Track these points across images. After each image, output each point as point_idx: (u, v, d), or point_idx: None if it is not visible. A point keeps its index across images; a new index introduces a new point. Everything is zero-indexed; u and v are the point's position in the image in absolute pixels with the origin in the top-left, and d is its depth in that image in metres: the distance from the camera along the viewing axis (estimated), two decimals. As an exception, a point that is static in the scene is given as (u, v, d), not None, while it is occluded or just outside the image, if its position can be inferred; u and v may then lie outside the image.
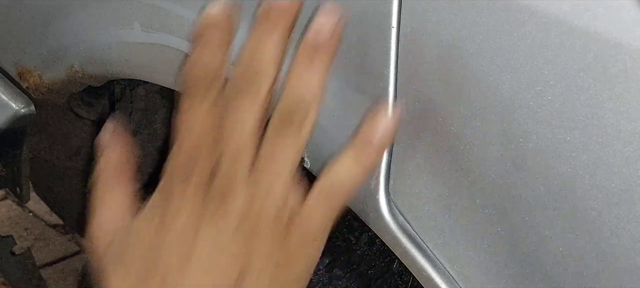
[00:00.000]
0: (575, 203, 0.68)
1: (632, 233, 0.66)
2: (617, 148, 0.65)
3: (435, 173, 0.78)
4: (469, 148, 0.74)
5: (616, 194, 0.66)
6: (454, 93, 0.74)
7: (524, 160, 0.71)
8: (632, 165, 0.65)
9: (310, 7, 0.87)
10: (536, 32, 0.67)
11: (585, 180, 0.67)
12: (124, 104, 1.40)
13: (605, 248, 0.68)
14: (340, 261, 1.08)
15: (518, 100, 0.69)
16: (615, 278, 0.68)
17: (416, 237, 0.81)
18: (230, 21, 0.71)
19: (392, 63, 0.78)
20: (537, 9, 0.67)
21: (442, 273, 0.80)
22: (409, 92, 0.78)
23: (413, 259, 0.81)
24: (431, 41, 0.75)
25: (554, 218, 0.70)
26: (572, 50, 0.66)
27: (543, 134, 0.69)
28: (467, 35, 0.72)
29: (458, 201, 0.77)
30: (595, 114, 0.65)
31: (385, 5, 0.77)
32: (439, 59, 0.74)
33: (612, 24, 0.64)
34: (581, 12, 0.65)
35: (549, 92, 0.67)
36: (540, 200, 0.70)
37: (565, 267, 0.71)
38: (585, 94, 0.66)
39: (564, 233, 0.70)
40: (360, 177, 0.74)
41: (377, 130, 0.73)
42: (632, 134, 0.64)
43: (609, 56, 0.64)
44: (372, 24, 0.79)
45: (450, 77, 0.74)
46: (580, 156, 0.67)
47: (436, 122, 0.76)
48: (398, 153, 0.81)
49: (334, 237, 1.10)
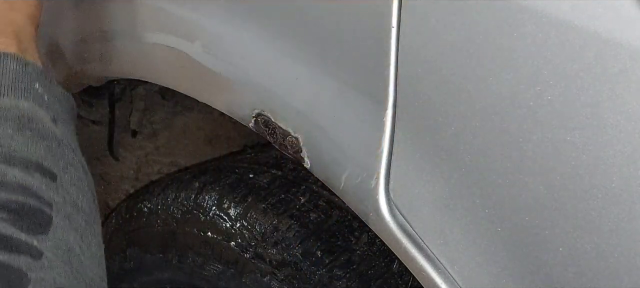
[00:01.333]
0: (575, 203, 0.68)
1: (632, 233, 0.66)
2: (617, 149, 0.65)
3: (435, 173, 0.78)
4: (469, 148, 0.74)
5: (616, 194, 0.66)
6: (454, 93, 0.74)
7: (524, 160, 0.71)
8: (632, 165, 0.65)
9: (310, 6, 0.87)
10: (536, 32, 0.67)
11: (585, 180, 0.67)
12: (124, 103, 1.40)
13: (605, 248, 0.68)
14: (340, 261, 1.08)
15: (518, 100, 0.70)
16: (615, 278, 0.68)
17: (416, 237, 0.81)
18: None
19: (392, 63, 0.78)
20: (537, 9, 0.67)
21: (442, 273, 0.80)
22: (409, 92, 0.78)
23: (413, 259, 0.81)
24: (431, 41, 0.75)
25: (554, 218, 0.70)
26: (572, 50, 0.66)
27: (543, 133, 0.69)
28: (467, 35, 0.72)
29: (458, 201, 0.77)
30: (595, 114, 0.65)
31: (385, 5, 0.77)
32: (439, 59, 0.74)
33: (612, 24, 0.64)
34: (581, 12, 0.65)
35: (549, 92, 0.68)
36: (540, 200, 0.70)
37: (566, 267, 0.71)
38: (585, 94, 0.66)
39: (564, 233, 0.70)
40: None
41: None
42: (632, 133, 0.64)
43: (609, 56, 0.64)
44: (372, 24, 0.79)
45: (450, 77, 0.74)
46: (580, 156, 0.67)
47: (436, 122, 0.76)
48: (398, 153, 0.81)
49: (334, 237, 1.10)
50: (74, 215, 0.78)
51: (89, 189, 0.83)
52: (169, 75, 1.06)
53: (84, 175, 0.84)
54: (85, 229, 0.79)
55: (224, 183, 1.17)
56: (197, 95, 1.03)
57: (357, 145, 0.85)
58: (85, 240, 0.78)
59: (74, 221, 0.77)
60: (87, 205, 0.81)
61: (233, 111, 0.97)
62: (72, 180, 0.81)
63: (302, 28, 0.87)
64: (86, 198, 0.82)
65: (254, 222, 1.12)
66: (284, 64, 0.90)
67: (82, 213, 0.79)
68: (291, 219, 1.11)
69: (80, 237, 0.78)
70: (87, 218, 0.80)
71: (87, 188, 0.83)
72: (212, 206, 1.15)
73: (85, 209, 0.80)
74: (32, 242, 0.71)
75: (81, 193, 0.81)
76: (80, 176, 0.83)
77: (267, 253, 1.10)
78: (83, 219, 0.79)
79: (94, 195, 0.85)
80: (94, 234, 0.80)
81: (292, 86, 0.90)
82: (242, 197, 1.14)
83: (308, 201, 1.13)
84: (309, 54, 0.87)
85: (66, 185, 0.80)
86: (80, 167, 0.84)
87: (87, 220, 0.80)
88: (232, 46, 0.95)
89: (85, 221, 0.79)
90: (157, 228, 1.24)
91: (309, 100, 0.89)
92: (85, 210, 0.80)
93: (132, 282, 1.33)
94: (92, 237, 0.80)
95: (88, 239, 0.79)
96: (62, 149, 0.82)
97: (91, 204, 0.82)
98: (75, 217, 0.78)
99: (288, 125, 0.91)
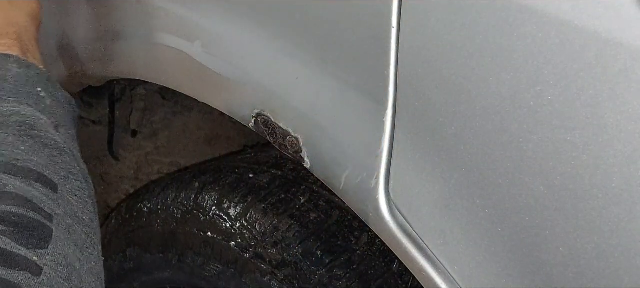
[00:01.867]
0: (575, 203, 0.68)
1: (632, 233, 0.66)
2: (617, 148, 0.65)
3: (435, 173, 0.78)
4: (469, 148, 0.74)
5: (616, 194, 0.66)
6: (454, 93, 0.74)
7: (524, 160, 0.71)
8: (632, 165, 0.65)
9: (310, 6, 0.87)
10: (536, 32, 0.67)
11: (585, 180, 0.67)
12: (124, 104, 1.40)
13: (605, 248, 0.68)
14: (340, 261, 1.08)
15: (518, 100, 0.69)
16: (615, 278, 0.68)
17: (416, 237, 0.81)
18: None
19: (392, 63, 0.78)
20: (537, 9, 0.67)
21: (442, 273, 0.80)
22: (409, 92, 0.78)
23: (413, 259, 0.81)
24: (431, 41, 0.75)
25: (554, 218, 0.70)
26: (572, 50, 0.66)
27: (543, 133, 0.69)
28: (467, 35, 0.72)
29: (458, 201, 0.77)
30: (595, 113, 0.65)
31: (385, 5, 0.77)
32: (439, 59, 0.74)
33: (612, 24, 0.64)
34: (581, 12, 0.65)
35: (549, 92, 0.68)
36: (540, 200, 0.70)
37: (566, 267, 0.71)
38: (585, 94, 0.66)
39: (565, 233, 0.70)
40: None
41: None
42: (632, 133, 0.64)
43: (609, 56, 0.64)
44: (372, 24, 0.79)
45: (450, 77, 0.74)
46: (580, 156, 0.67)
47: (436, 122, 0.76)
48: (398, 153, 0.81)
49: (334, 237, 1.10)
50: (74, 227, 0.77)
51: (89, 198, 0.82)
52: (169, 75, 1.06)
53: (84, 184, 0.82)
54: (85, 241, 0.78)
55: (224, 183, 1.17)
56: (197, 95, 1.03)
57: (357, 145, 0.85)
58: (85, 253, 0.77)
59: (74, 233, 0.76)
60: (87, 216, 0.80)
61: (233, 111, 0.97)
62: (72, 189, 0.80)
63: (302, 28, 0.87)
64: (87, 208, 0.80)
65: (254, 222, 1.12)
66: (284, 64, 0.90)
67: (82, 225, 0.78)
68: (291, 219, 1.11)
69: (79, 250, 0.76)
70: (87, 230, 0.79)
71: (88, 198, 0.82)
72: (212, 206, 1.15)
73: (86, 220, 0.79)
74: (32, 258, 0.70)
75: (82, 203, 0.80)
76: (80, 185, 0.81)
77: (267, 253, 1.10)
78: (83, 231, 0.78)
79: (94, 204, 0.84)
80: (93, 246, 0.79)
81: (292, 86, 0.90)
82: (242, 197, 1.14)
83: (308, 201, 1.13)
84: (309, 54, 0.87)
85: (67, 195, 0.78)
86: (81, 175, 0.82)
87: (87, 232, 0.79)
88: (232, 46, 0.95)
89: (85, 233, 0.78)
90: (157, 228, 1.24)
91: (309, 100, 0.89)
92: (85, 221, 0.79)
93: (132, 282, 1.33)
94: (92, 249, 0.79)
95: (88, 252, 0.78)
96: (63, 157, 0.81)
97: (91, 214, 0.81)
98: (75, 229, 0.77)
99: (288, 125, 0.91)
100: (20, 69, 0.85)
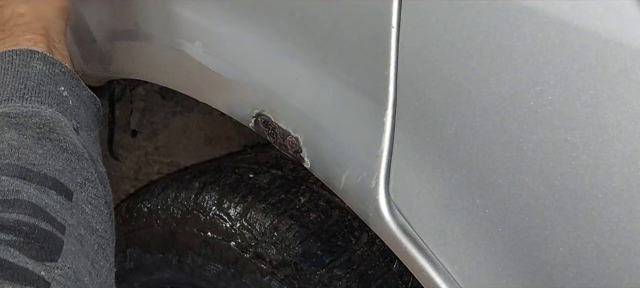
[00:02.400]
0: (575, 203, 0.68)
1: (632, 233, 0.66)
2: (617, 148, 0.65)
3: (435, 173, 0.78)
4: (469, 148, 0.74)
5: (616, 194, 0.66)
6: (454, 93, 0.74)
7: (524, 160, 0.71)
8: (632, 165, 0.65)
9: (310, 6, 0.87)
10: (536, 32, 0.67)
11: (585, 180, 0.67)
12: (124, 104, 1.40)
13: (605, 248, 0.68)
14: (340, 261, 1.08)
15: (518, 100, 0.69)
16: (615, 278, 0.68)
17: (416, 237, 0.81)
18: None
19: (392, 63, 0.78)
20: (537, 9, 0.67)
21: (442, 273, 0.80)
22: (409, 92, 0.78)
23: (413, 259, 0.81)
24: (431, 41, 0.75)
25: (554, 218, 0.70)
26: (572, 50, 0.66)
27: (543, 133, 0.69)
28: (467, 35, 0.72)
29: (458, 201, 0.77)
30: (595, 113, 0.65)
31: (385, 5, 0.77)
32: (439, 59, 0.74)
33: (612, 24, 0.64)
34: (581, 12, 0.65)
35: (549, 92, 0.67)
36: (540, 200, 0.70)
37: (566, 267, 0.71)
38: (585, 94, 0.66)
39: (565, 233, 0.70)
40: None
41: None
42: (632, 133, 0.64)
43: (609, 56, 0.64)
44: (372, 24, 0.79)
45: (450, 77, 0.74)
46: (580, 156, 0.67)
47: (436, 122, 0.76)
48: (398, 153, 0.81)
49: (334, 237, 1.10)
50: (87, 238, 0.75)
51: (106, 206, 0.80)
52: (169, 75, 1.06)
53: (101, 190, 0.80)
54: (97, 253, 0.76)
55: (224, 183, 1.17)
56: (197, 95, 1.03)
57: (357, 145, 0.85)
58: (96, 266, 0.75)
59: (86, 244, 0.74)
60: (101, 226, 0.78)
61: (233, 111, 0.97)
62: (88, 197, 0.77)
63: (302, 28, 0.87)
64: (101, 218, 0.78)
65: (254, 222, 1.12)
66: (284, 64, 0.90)
67: (95, 236, 0.76)
68: (291, 219, 1.11)
69: (91, 263, 0.74)
70: (100, 241, 0.77)
71: (103, 206, 0.79)
72: (212, 206, 1.15)
73: (99, 230, 0.77)
74: (40, 272, 0.67)
75: (96, 211, 0.78)
76: (97, 192, 0.79)
77: (267, 253, 1.10)
78: (96, 242, 0.76)
79: (110, 212, 0.81)
80: (105, 258, 0.77)
81: (292, 86, 0.90)
82: (242, 197, 1.14)
83: (308, 201, 1.13)
84: (309, 54, 0.87)
85: (82, 203, 0.76)
86: (98, 181, 0.80)
87: (99, 243, 0.77)
88: (232, 46, 0.95)
89: (98, 244, 0.76)
90: (157, 228, 1.24)
91: (309, 100, 0.89)
92: (98, 231, 0.77)
93: (132, 282, 1.33)
94: (104, 261, 0.77)
95: (99, 265, 0.76)
96: (81, 162, 0.79)
97: (106, 223, 0.79)
98: (87, 240, 0.75)
99: (288, 125, 0.91)
100: (45, 66, 0.82)
